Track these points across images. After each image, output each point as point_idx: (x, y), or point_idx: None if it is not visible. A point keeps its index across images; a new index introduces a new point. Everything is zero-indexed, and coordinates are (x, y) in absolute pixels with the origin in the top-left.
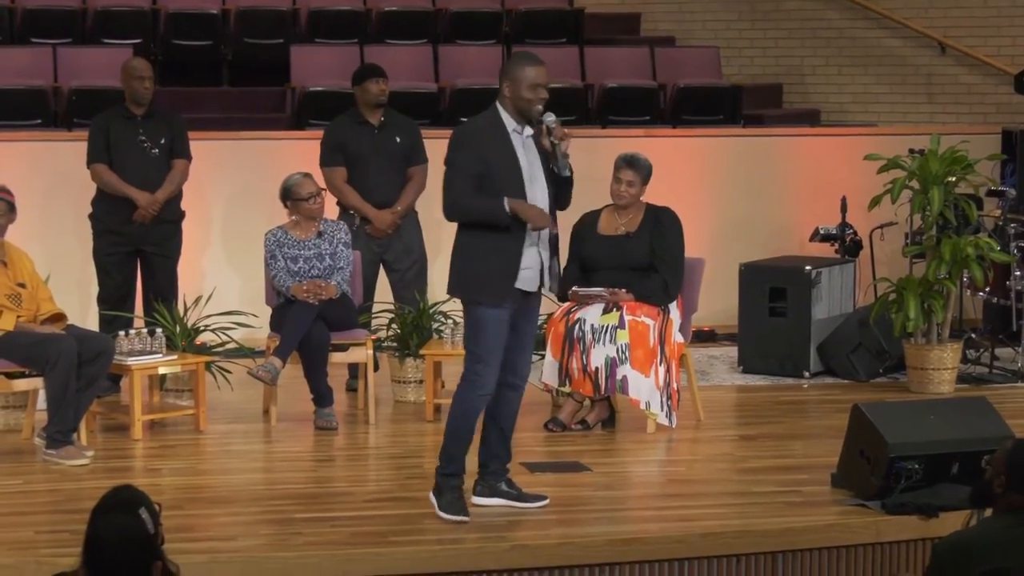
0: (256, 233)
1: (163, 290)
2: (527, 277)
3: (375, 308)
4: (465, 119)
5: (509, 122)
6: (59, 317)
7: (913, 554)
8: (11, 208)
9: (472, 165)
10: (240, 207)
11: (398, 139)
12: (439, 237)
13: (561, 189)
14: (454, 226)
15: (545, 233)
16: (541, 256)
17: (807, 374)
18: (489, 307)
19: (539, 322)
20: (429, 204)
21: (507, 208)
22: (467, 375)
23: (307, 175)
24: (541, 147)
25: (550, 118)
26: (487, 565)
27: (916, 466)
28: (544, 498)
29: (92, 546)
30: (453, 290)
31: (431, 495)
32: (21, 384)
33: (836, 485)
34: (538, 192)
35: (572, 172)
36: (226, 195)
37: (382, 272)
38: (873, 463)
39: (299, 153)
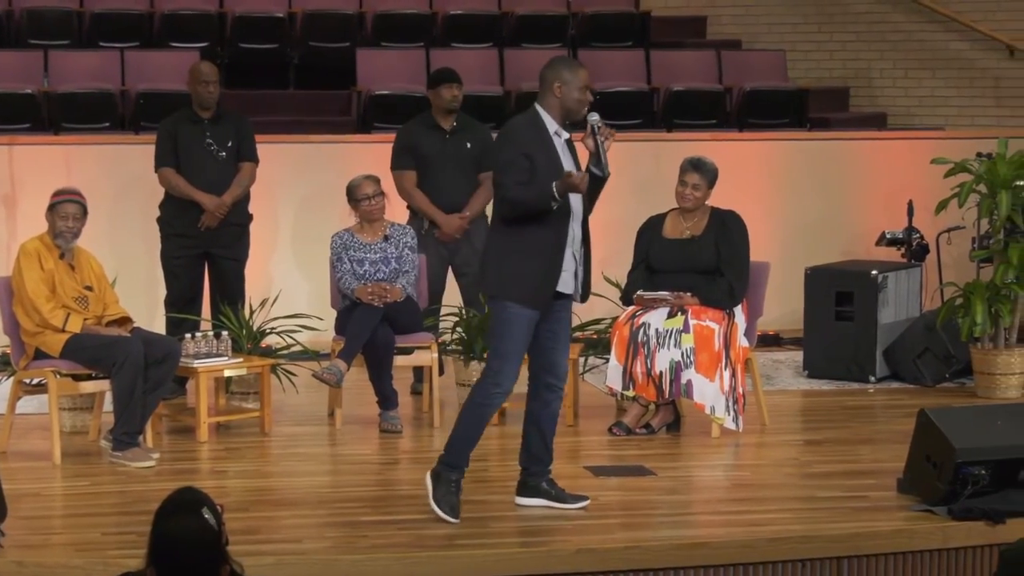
0: (322, 236)
1: (230, 293)
2: (564, 279)
3: (441, 311)
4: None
5: (551, 124)
6: (125, 320)
7: (980, 560)
8: (84, 212)
9: (520, 161)
10: (306, 210)
11: (469, 144)
12: None
13: (596, 191)
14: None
15: (578, 236)
16: (576, 258)
17: (873, 379)
18: (524, 307)
19: (605, 325)
20: None
21: (555, 191)
22: (488, 373)
23: (369, 177)
24: (587, 148)
25: (595, 117)
26: (554, 568)
27: (983, 471)
28: (585, 499)
29: (162, 548)
30: (489, 287)
31: (427, 477)
32: (88, 386)
33: (902, 490)
34: (576, 195)
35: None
36: (293, 198)
37: (451, 276)
38: (940, 468)
39: (364, 156)
